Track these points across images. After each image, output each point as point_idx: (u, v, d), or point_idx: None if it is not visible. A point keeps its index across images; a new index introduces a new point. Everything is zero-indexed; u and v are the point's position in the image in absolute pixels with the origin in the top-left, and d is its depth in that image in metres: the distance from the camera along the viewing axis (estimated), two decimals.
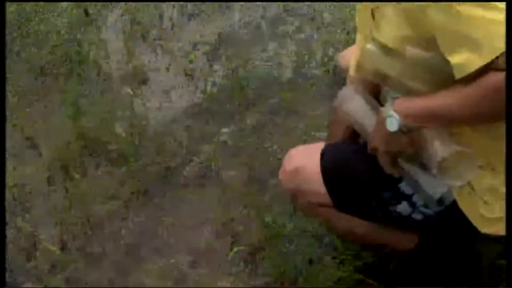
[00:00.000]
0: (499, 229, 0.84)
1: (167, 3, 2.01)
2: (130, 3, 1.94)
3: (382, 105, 0.89)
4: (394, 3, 0.79)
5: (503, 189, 0.80)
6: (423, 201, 0.91)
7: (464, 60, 0.70)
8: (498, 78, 0.68)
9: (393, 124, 0.79)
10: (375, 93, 0.96)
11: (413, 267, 1.08)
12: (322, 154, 1.03)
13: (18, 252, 1.28)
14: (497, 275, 1.05)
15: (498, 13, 0.67)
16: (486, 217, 0.87)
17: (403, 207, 0.93)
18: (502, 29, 0.66)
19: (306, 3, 1.94)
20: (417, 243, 1.02)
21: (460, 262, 1.06)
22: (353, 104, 0.93)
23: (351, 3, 1.85)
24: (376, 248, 1.11)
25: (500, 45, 0.66)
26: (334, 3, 1.90)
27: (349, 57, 1.22)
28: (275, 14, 1.93)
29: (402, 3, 0.77)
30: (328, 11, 1.93)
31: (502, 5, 0.68)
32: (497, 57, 0.66)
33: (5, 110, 1.67)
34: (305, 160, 1.05)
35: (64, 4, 2.00)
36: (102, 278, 1.24)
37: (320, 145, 1.07)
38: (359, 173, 0.98)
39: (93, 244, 1.31)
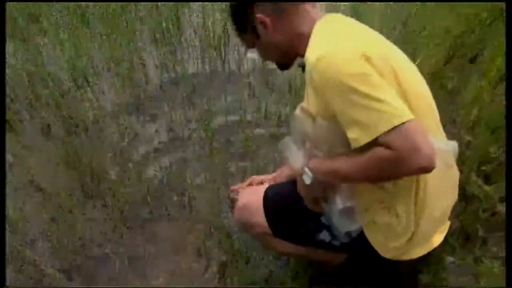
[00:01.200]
0: (395, 256, 0.95)
1: None
2: None
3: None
4: (309, 82, 0.86)
5: (397, 228, 0.91)
6: (335, 233, 0.98)
7: (356, 136, 0.77)
8: (380, 151, 0.75)
9: (307, 179, 0.89)
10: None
11: (347, 274, 1.18)
12: (266, 192, 1.10)
13: None
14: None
15: (381, 104, 0.74)
16: (385, 246, 0.94)
17: (324, 235, 1.00)
18: (382, 116, 0.73)
19: None
20: (346, 258, 1.13)
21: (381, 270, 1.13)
22: (290, 151, 0.97)
23: None
24: (317, 262, 1.21)
25: (381, 128, 0.73)
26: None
27: None
28: None
29: (312, 82, 0.83)
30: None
31: (384, 96, 0.75)
32: (379, 136, 0.73)
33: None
34: (251, 197, 1.11)
35: None
36: None
37: (265, 185, 1.14)
38: (292, 209, 1.03)
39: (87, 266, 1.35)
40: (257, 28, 0.95)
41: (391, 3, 2.34)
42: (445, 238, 1.01)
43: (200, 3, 2.51)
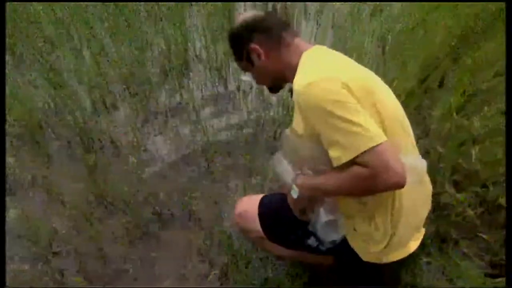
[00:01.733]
0: (375, 259, 0.95)
1: None
2: None
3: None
4: (296, 106, 0.87)
5: (376, 236, 0.91)
6: (321, 239, 0.98)
7: (337, 155, 0.78)
8: (358, 169, 0.76)
9: (294, 194, 0.91)
10: None
11: (338, 275, 1.20)
12: (261, 201, 1.10)
13: None
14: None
15: (358, 127, 0.76)
16: (366, 251, 0.95)
17: (311, 241, 1.00)
18: (360, 138, 0.75)
19: None
20: (334, 260, 1.12)
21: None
22: (281, 167, 0.98)
23: None
24: (308, 264, 1.21)
25: (359, 149, 0.75)
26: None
27: None
28: None
29: (299, 107, 0.84)
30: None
31: (361, 120, 0.76)
32: (357, 156, 0.75)
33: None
34: (248, 206, 1.12)
35: None
36: None
37: (260, 195, 1.14)
38: (283, 217, 1.03)
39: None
40: (252, 56, 0.98)
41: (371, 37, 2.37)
42: (422, 241, 1.01)
43: (204, 32, 2.53)
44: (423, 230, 1.03)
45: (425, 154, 1.61)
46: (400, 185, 0.76)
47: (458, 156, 1.53)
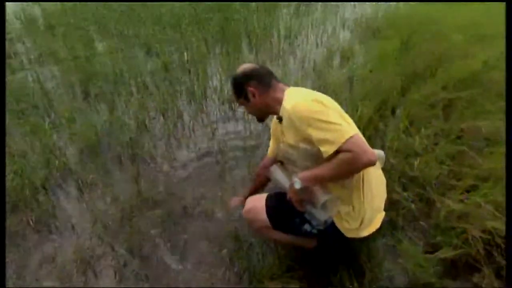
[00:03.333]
0: (354, 235, 0.96)
1: None
2: None
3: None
4: (288, 123, 0.90)
5: (353, 215, 0.92)
6: (316, 223, 0.99)
7: (326, 149, 0.82)
8: (343, 155, 0.80)
9: (297, 184, 0.89)
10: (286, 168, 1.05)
11: (319, 255, 1.16)
12: (267, 198, 1.11)
13: None
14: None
15: (336, 125, 0.80)
16: (347, 228, 0.97)
17: (306, 226, 1.02)
18: (339, 133, 0.79)
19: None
20: (317, 242, 1.11)
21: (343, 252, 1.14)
22: (278, 174, 1.01)
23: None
24: (298, 247, 1.17)
25: (340, 140, 0.79)
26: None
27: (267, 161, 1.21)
28: None
29: (292, 123, 0.87)
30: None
31: (337, 120, 0.80)
32: (340, 146, 0.79)
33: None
34: (256, 203, 1.12)
35: None
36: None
37: (265, 195, 1.13)
38: (284, 209, 1.03)
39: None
40: (248, 95, 1.02)
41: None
42: (380, 226, 1.02)
43: (218, 74, 2.59)
44: (383, 213, 1.04)
45: None
46: (373, 163, 0.80)
47: (404, 165, 1.58)
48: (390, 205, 1.40)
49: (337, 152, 0.81)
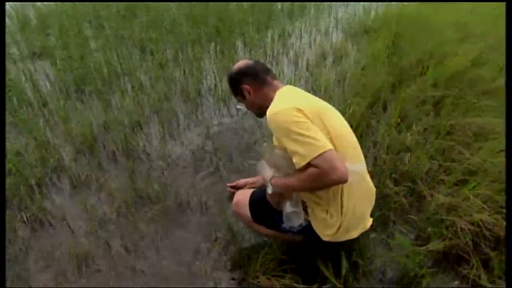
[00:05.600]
0: (330, 239, 0.95)
1: None
2: None
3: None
4: (272, 133, 0.90)
5: (330, 221, 0.91)
6: (290, 225, 0.97)
7: (297, 161, 0.82)
8: (312, 170, 0.79)
9: (270, 190, 0.93)
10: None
11: (306, 249, 1.15)
12: (252, 193, 1.13)
13: None
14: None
15: (310, 139, 0.79)
16: (323, 233, 0.96)
17: (285, 224, 0.99)
18: (312, 147, 0.78)
19: None
20: (303, 238, 1.09)
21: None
22: (263, 170, 0.99)
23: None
24: (286, 242, 1.16)
25: (312, 155, 0.77)
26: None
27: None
28: None
29: (271, 128, 0.87)
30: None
31: (312, 134, 0.78)
32: (310, 161, 0.78)
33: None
34: (241, 197, 1.14)
35: None
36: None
37: (251, 190, 1.16)
38: (265, 206, 1.04)
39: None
40: (244, 93, 1.03)
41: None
42: (372, 221, 1.00)
43: (214, 74, 2.57)
44: (369, 222, 1.01)
45: (373, 159, 1.69)
46: (343, 180, 0.79)
47: (396, 161, 1.58)
48: (382, 199, 1.41)
49: (308, 165, 0.79)
